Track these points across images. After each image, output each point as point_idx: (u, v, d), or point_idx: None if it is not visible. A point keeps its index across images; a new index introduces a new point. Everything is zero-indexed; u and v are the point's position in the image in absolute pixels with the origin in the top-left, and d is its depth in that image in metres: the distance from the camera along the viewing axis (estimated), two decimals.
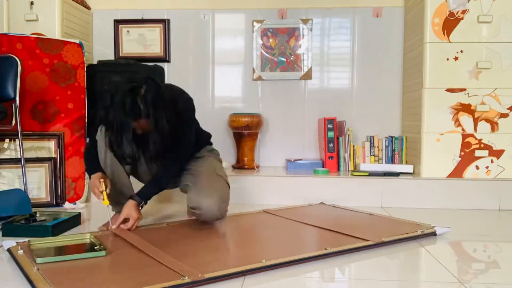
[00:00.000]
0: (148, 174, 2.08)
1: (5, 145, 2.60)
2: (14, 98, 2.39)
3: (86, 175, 2.67)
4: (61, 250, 1.64)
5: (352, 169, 2.97)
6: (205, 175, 2.03)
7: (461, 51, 2.67)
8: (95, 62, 3.17)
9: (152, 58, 3.28)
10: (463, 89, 2.67)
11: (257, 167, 3.09)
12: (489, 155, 2.66)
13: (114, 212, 2.07)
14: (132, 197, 1.93)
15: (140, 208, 1.93)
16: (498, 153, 2.67)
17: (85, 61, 2.72)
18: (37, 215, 2.10)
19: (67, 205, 2.57)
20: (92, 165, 1.98)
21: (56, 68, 2.65)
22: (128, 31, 3.30)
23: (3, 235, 1.90)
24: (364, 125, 3.21)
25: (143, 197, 1.94)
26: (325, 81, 3.26)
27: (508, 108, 2.66)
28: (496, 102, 2.66)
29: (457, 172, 2.68)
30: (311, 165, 2.98)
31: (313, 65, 3.25)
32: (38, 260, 1.47)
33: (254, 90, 3.28)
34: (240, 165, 3.05)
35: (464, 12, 2.65)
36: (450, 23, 2.67)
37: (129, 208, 1.90)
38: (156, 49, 3.29)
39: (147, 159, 2.01)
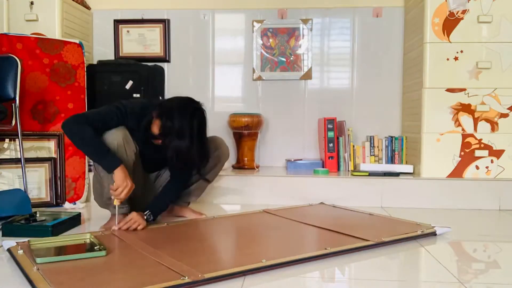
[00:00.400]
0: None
1: (5, 145, 2.60)
2: (14, 98, 2.39)
3: (87, 174, 2.68)
4: (61, 250, 1.64)
5: (352, 169, 2.97)
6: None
7: (461, 51, 2.67)
8: (95, 62, 3.17)
9: (152, 58, 3.28)
10: (463, 89, 2.67)
11: (257, 167, 3.09)
12: (489, 155, 2.66)
13: (120, 214, 2.01)
14: (143, 210, 1.99)
15: (145, 220, 1.96)
16: (498, 153, 2.66)
17: (85, 61, 2.72)
18: (37, 215, 2.11)
19: (67, 205, 2.57)
20: (108, 151, 1.86)
21: (56, 68, 2.65)
22: (128, 31, 3.30)
23: (3, 235, 1.90)
24: (364, 125, 3.21)
25: (154, 213, 2.01)
26: (325, 81, 3.26)
27: (508, 108, 2.66)
28: (496, 102, 2.66)
29: (457, 172, 2.68)
30: (311, 165, 2.98)
31: (313, 65, 3.25)
32: (38, 260, 1.47)
33: (254, 90, 3.28)
34: (240, 165, 3.05)
35: (464, 12, 2.65)
36: (450, 23, 2.67)
37: (136, 215, 1.94)
38: (156, 49, 3.29)
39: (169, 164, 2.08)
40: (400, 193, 2.63)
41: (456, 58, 2.68)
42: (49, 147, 2.64)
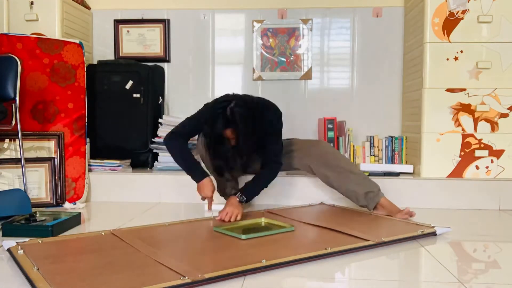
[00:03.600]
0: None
1: (5, 145, 2.60)
2: (14, 98, 2.39)
3: (87, 174, 2.68)
4: (252, 230, 1.92)
5: None
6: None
7: (461, 51, 2.67)
8: (95, 62, 3.17)
9: (152, 58, 3.28)
10: (463, 89, 2.67)
11: None
12: (489, 155, 2.66)
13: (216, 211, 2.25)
14: (236, 194, 2.22)
15: (241, 203, 2.20)
16: (498, 153, 2.67)
17: (85, 61, 2.72)
18: (37, 215, 2.10)
19: (67, 205, 2.56)
20: (197, 167, 2.25)
21: (56, 68, 2.65)
22: (128, 31, 3.30)
23: (3, 235, 1.90)
24: (364, 125, 3.21)
25: (247, 197, 2.23)
26: (325, 81, 3.26)
27: (508, 108, 2.66)
28: (496, 102, 2.66)
29: (457, 172, 2.68)
30: None
31: (313, 65, 3.25)
32: (243, 236, 1.77)
33: (254, 90, 3.27)
34: None
35: (464, 12, 2.65)
36: (450, 23, 2.67)
37: (231, 204, 2.16)
38: (156, 49, 3.29)
39: (239, 168, 2.30)
40: (400, 193, 2.63)
41: (456, 58, 2.68)
42: (49, 147, 2.64)
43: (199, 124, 2.25)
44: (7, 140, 2.60)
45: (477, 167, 2.67)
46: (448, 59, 2.68)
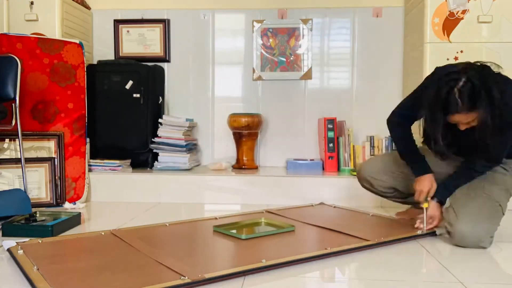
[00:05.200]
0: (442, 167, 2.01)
1: (5, 145, 2.60)
2: (14, 98, 2.39)
3: (87, 174, 2.68)
4: (251, 229, 1.96)
5: (352, 168, 2.97)
6: (470, 190, 1.88)
7: (461, 51, 2.67)
8: (95, 62, 3.17)
9: (152, 58, 3.28)
10: None
11: (257, 167, 3.09)
12: None
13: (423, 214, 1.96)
14: (434, 197, 1.93)
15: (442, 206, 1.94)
16: None
17: (85, 61, 2.72)
18: (37, 215, 2.11)
19: (67, 205, 2.56)
20: (421, 160, 1.98)
21: (56, 68, 2.65)
22: (128, 31, 3.30)
23: (3, 235, 1.90)
24: (364, 125, 3.21)
25: (443, 197, 1.93)
26: (325, 81, 3.26)
27: None
28: None
29: None
30: (311, 165, 2.98)
31: (313, 65, 3.25)
32: (243, 236, 1.78)
33: (254, 90, 3.28)
34: (240, 165, 3.05)
35: (464, 12, 2.65)
36: (450, 23, 2.67)
37: (433, 209, 1.92)
38: (156, 49, 3.29)
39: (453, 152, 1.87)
40: None
41: (456, 58, 2.67)
42: (49, 147, 2.64)
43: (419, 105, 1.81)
44: (7, 140, 2.60)
45: None
46: (448, 59, 2.67)
